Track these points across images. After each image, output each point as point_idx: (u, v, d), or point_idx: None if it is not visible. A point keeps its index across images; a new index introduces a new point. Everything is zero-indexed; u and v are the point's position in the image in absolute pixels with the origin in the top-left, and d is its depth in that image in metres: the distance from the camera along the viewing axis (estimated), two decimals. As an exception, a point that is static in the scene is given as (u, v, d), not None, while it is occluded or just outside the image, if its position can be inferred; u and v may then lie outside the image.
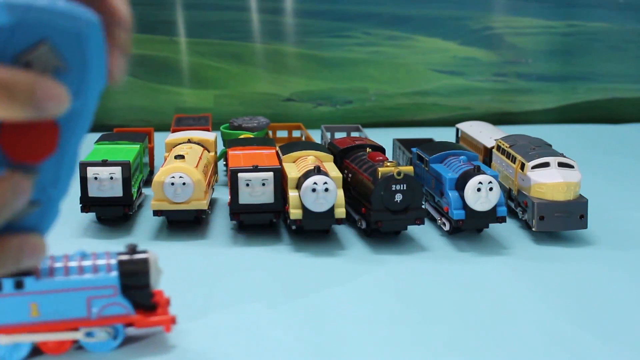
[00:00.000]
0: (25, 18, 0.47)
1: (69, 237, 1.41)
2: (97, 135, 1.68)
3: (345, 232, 1.43)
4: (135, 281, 0.96)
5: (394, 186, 1.32)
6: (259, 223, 1.42)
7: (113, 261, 0.96)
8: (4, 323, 0.92)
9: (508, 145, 1.53)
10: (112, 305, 0.95)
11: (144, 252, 0.98)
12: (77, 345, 0.97)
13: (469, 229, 1.39)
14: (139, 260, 0.97)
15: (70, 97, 0.50)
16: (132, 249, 0.97)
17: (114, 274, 0.95)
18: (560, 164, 1.41)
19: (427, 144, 1.56)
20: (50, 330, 0.94)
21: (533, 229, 1.38)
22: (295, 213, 1.32)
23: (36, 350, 0.96)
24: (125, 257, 0.97)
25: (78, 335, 0.95)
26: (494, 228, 1.43)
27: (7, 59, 0.48)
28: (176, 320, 0.99)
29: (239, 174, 1.37)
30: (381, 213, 1.33)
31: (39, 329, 0.94)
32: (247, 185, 1.36)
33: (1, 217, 0.49)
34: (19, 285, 0.92)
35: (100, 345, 0.97)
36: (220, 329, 1.04)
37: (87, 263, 0.95)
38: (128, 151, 1.52)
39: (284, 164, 1.42)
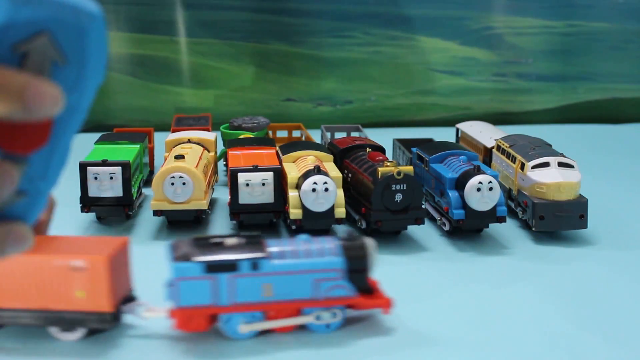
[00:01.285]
0: (26, 8, 0.47)
1: (69, 237, 1.41)
2: (97, 135, 1.68)
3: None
4: (357, 265, 1.01)
5: (394, 186, 1.32)
6: (259, 223, 1.42)
7: (338, 245, 1.01)
8: (240, 301, 0.97)
9: (508, 145, 1.53)
10: (337, 287, 1.00)
11: (362, 238, 1.03)
12: (301, 326, 1.01)
13: (469, 228, 1.39)
14: (361, 246, 1.02)
15: (65, 94, 0.49)
16: (352, 236, 1.02)
17: (340, 257, 1.00)
18: (560, 164, 1.42)
19: (427, 144, 1.56)
20: (279, 309, 0.99)
21: (533, 229, 1.38)
22: (295, 213, 1.32)
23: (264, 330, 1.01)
24: (349, 243, 1.02)
25: (309, 319, 1.00)
26: (494, 228, 1.43)
27: (5, 48, 0.47)
28: (394, 302, 1.03)
29: (239, 174, 1.37)
30: (381, 213, 1.33)
31: (270, 308, 0.99)
32: (247, 185, 1.36)
33: None
34: (254, 267, 0.97)
35: (323, 326, 1.01)
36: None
37: (314, 247, 1.00)
38: (128, 151, 1.53)
39: (284, 164, 1.42)
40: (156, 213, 1.39)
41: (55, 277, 0.97)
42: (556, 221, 1.37)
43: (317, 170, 1.32)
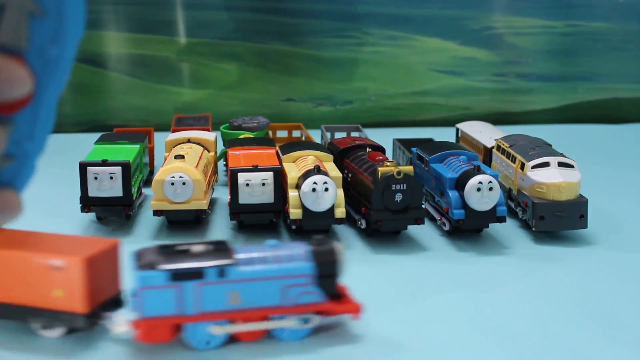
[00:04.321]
0: None
1: (69, 237, 1.41)
2: (97, 135, 1.68)
3: (345, 232, 1.43)
4: (327, 270, 0.99)
5: (394, 186, 1.32)
6: (259, 223, 1.42)
7: (307, 251, 0.99)
8: (206, 310, 0.95)
9: (508, 145, 1.53)
10: (306, 293, 0.98)
11: (332, 242, 1.01)
12: (269, 334, 1.00)
13: (469, 228, 1.39)
14: (330, 251, 1.00)
15: (45, 47, 0.47)
16: (321, 241, 1.01)
17: (309, 263, 0.98)
18: (560, 164, 1.42)
19: (427, 144, 1.56)
20: (247, 317, 0.97)
21: (533, 229, 1.38)
22: (295, 213, 1.32)
23: (230, 339, 0.99)
24: (318, 248, 1.00)
25: (274, 325, 0.98)
26: (494, 228, 1.43)
27: None
28: (363, 308, 1.01)
29: (239, 174, 1.37)
30: (381, 213, 1.33)
31: (236, 317, 0.97)
32: (247, 185, 1.36)
33: None
34: (221, 274, 0.95)
35: (291, 334, 0.99)
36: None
37: (283, 253, 0.98)
38: (128, 151, 1.52)
39: (284, 164, 1.42)
40: (156, 213, 1.39)
41: (35, 275, 0.97)
42: (556, 221, 1.37)
43: (317, 170, 1.33)
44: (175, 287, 0.94)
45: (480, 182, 1.32)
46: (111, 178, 1.41)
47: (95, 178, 1.41)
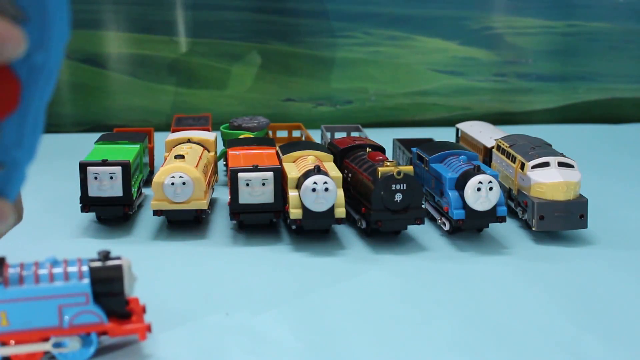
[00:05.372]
0: None
1: (69, 237, 1.41)
2: (97, 135, 1.68)
3: (345, 232, 1.43)
4: (108, 288, 0.94)
5: (394, 186, 1.32)
6: (259, 223, 1.42)
7: (85, 268, 0.93)
8: None
9: (508, 145, 1.53)
10: (84, 313, 0.93)
11: (117, 258, 0.95)
12: (49, 356, 0.95)
13: (469, 228, 1.39)
14: (111, 267, 0.94)
15: (29, 54, 0.46)
16: (105, 256, 0.95)
17: (86, 281, 0.92)
18: (560, 164, 1.42)
19: (427, 144, 1.56)
20: (20, 340, 0.91)
21: (533, 229, 1.38)
22: (295, 213, 1.32)
23: None
24: (97, 264, 0.94)
25: (49, 347, 0.93)
26: (494, 228, 1.43)
27: None
28: (151, 328, 0.97)
29: (239, 174, 1.37)
30: (381, 213, 1.33)
31: (8, 339, 0.91)
32: (247, 185, 1.36)
33: None
34: None
35: (73, 356, 0.94)
36: (219, 329, 1.04)
37: (58, 270, 0.92)
38: (128, 151, 1.53)
39: (284, 164, 1.42)
40: (156, 213, 1.39)
41: None
42: (556, 221, 1.37)
43: (317, 170, 1.33)
44: None
45: (480, 182, 1.32)
46: (111, 178, 1.41)
47: (96, 178, 1.40)
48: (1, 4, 0.46)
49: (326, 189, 1.31)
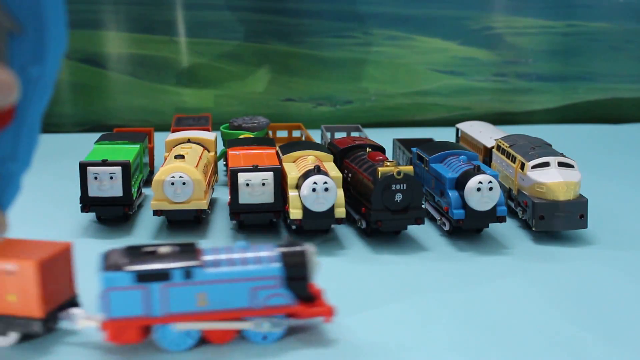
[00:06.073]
0: None
1: (69, 237, 1.40)
2: (97, 135, 1.68)
3: (345, 232, 1.43)
4: (295, 272, 0.98)
5: (394, 186, 1.32)
6: (259, 223, 1.42)
7: (275, 253, 0.98)
8: (173, 312, 0.94)
9: (508, 145, 1.53)
10: (275, 296, 0.97)
11: (300, 244, 1.00)
12: (240, 336, 0.99)
13: (469, 228, 1.39)
14: (298, 252, 0.99)
15: (26, 66, 0.46)
16: (291, 243, 1.00)
17: (277, 264, 0.97)
18: (560, 164, 1.42)
19: (427, 144, 1.56)
20: (215, 320, 0.96)
21: (533, 229, 1.38)
22: (295, 213, 1.32)
23: (201, 341, 0.98)
24: (286, 249, 0.99)
25: (246, 325, 0.97)
26: (494, 228, 1.43)
27: None
28: (336, 311, 1.00)
29: (239, 174, 1.37)
30: (381, 213, 1.33)
31: (205, 319, 0.96)
32: (247, 185, 1.36)
33: None
34: (187, 275, 0.94)
35: (266, 336, 0.98)
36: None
37: (250, 255, 0.97)
38: (128, 151, 1.53)
39: (284, 164, 1.43)
40: (156, 213, 1.39)
41: None
42: (556, 221, 1.37)
43: (317, 170, 1.33)
44: (142, 288, 0.93)
45: (480, 182, 1.32)
46: (111, 178, 1.41)
47: (95, 178, 1.41)
48: None
49: (326, 189, 1.31)
